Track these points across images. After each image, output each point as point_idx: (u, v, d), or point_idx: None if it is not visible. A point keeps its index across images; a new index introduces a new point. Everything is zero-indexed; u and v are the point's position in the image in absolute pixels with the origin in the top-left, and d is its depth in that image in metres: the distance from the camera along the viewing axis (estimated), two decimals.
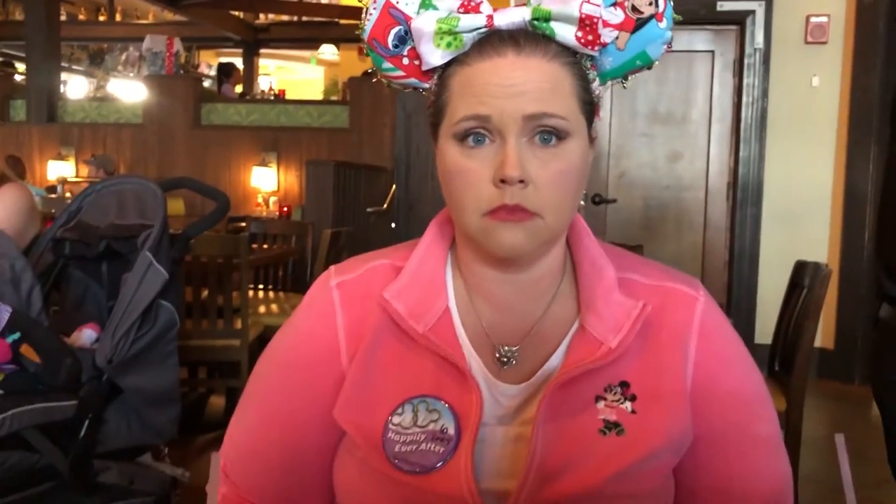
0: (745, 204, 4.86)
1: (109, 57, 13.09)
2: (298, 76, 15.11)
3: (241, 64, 12.05)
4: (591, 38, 0.85)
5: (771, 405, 0.97)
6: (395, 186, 5.56)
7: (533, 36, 0.86)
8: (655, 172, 5.02)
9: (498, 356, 0.92)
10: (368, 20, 0.90)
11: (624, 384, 0.89)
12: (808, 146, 4.82)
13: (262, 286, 4.52)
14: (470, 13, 0.86)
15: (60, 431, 1.80)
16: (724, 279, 4.99)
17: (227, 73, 10.10)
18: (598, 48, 0.86)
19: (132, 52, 12.60)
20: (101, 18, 12.79)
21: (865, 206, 4.64)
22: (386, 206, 6.09)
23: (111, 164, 8.20)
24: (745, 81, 4.79)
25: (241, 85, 10.84)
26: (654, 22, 0.87)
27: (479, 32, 0.86)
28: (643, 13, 0.86)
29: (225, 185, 8.02)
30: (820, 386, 4.60)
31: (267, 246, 4.72)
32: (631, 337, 0.88)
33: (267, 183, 8.32)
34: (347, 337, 0.92)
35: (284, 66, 15.00)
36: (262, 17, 12.40)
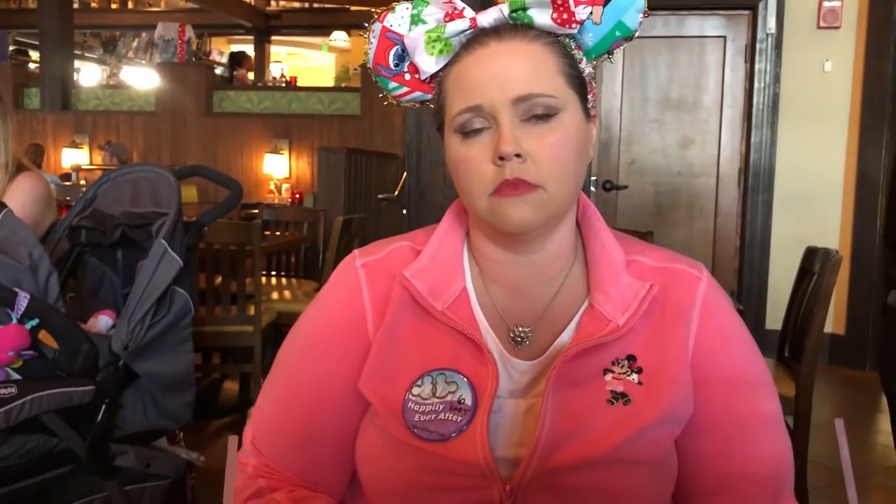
0: (756, 190, 4.85)
1: (122, 43, 13.11)
2: (310, 63, 15.09)
3: (252, 51, 12.06)
4: (566, 16, 0.90)
5: (771, 385, 0.99)
6: (405, 174, 5.57)
7: (513, 26, 0.92)
8: (666, 158, 5.01)
9: (512, 336, 0.96)
10: (370, 48, 0.97)
11: (631, 357, 0.92)
12: (820, 132, 4.79)
13: (274, 273, 4.55)
14: (455, 20, 0.92)
15: (78, 416, 1.82)
16: (734, 265, 4.98)
17: (239, 61, 10.14)
18: (575, 26, 0.91)
19: (144, 39, 12.62)
20: (113, 6, 12.81)
21: (877, 192, 4.61)
22: (397, 193, 6.10)
23: (124, 152, 8.24)
24: (756, 67, 4.77)
25: (252, 73, 10.86)
26: None
27: (465, 35, 0.92)
28: None
29: (237, 172, 8.05)
30: (831, 372, 4.60)
31: (279, 233, 4.75)
32: (638, 316, 0.92)
33: (279, 170, 8.34)
34: (374, 309, 0.97)
35: (296, 52, 14.98)
36: (273, 3, 12.40)
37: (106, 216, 2.14)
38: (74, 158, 8.52)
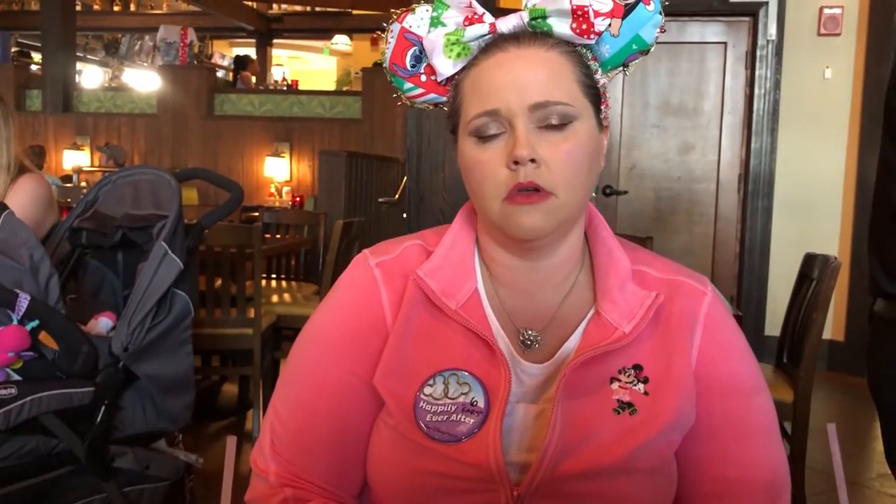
0: (756, 196, 4.85)
1: (124, 44, 13.12)
2: (311, 66, 15.12)
3: (254, 54, 12.08)
4: (584, 27, 0.91)
5: (768, 396, 1.00)
6: (406, 177, 5.58)
7: (532, 33, 0.92)
8: (667, 164, 5.01)
9: (522, 339, 0.96)
10: (387, 48, 0.98)
11: (637, 367, 0.93)
12: (820, 138, 4.80)
13: (274, 276, 4.56)
14: (474, 24, 0.93)
15: (78, 417, 1.82)
16: (734, 271, 4.99)
17: (244, 64, 10.18)
18: (593, 36, 0.92)
19: (146, 41, 12.64)
20: (115, 8, 12.82)
21: None
22: (397, 196, 6.10)
23: (122, 155, 8.24)
24: (757, 73, 4.77)
25: (255, 76, 10.88)
26: (642, 6, 0.93)
27: (483, 39, 0.93)
28: None
29: (238, 175, 8.06)
30: (830, 378, 4.60)
31: (280, 236, 4.75)
32: (644, 324, 0.93)
33: (280, 173, 8.35)
34: (391, 306, 0.97)
35: (297, 56, 15.01)
36: (275, 7, 12.41)
37: (107, 218, 2.15)
38: (76, 160, 8.52)
